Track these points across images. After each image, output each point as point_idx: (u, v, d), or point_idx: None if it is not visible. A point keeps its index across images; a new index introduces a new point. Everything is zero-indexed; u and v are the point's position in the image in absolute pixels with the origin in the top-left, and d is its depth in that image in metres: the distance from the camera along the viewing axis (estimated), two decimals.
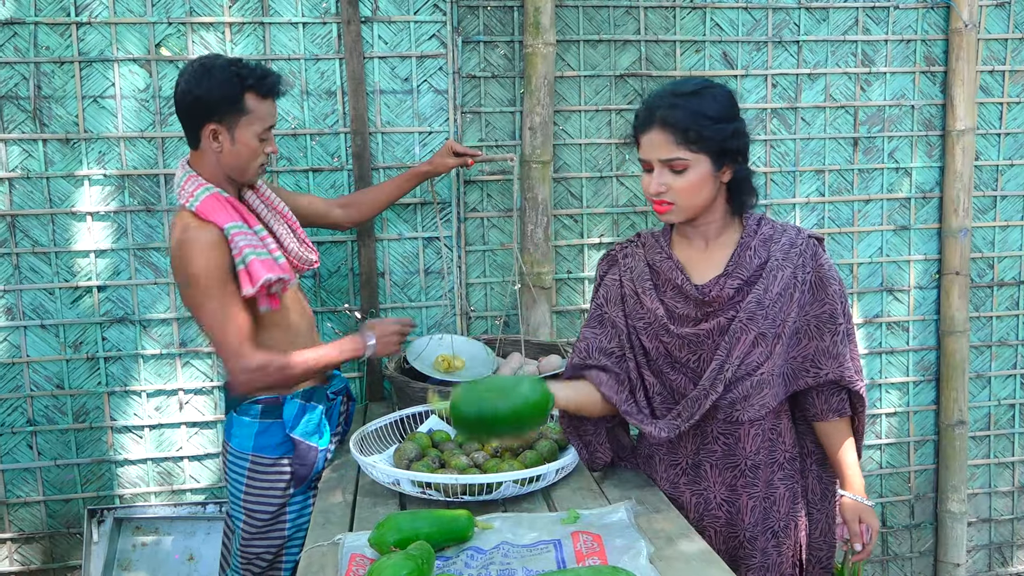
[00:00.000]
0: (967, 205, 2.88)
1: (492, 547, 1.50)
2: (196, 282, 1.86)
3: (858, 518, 1.77)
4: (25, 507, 2.58)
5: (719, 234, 1.72)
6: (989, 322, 3.03)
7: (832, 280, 1.69)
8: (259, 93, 1.92)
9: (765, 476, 1.74)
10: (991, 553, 3.17)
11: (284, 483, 2.03)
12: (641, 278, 1.75)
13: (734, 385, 1.67)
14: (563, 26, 2.65)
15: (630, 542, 1.48)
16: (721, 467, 1.74)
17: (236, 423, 2.04)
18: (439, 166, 2.42)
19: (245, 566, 2.07)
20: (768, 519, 1.76)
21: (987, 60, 2.90)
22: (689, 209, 1.65)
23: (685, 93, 1.61)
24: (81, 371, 2.55)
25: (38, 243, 2.49)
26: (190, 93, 1.90)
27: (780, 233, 1.71)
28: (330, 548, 1.56)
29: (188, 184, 1.93)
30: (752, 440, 1.72)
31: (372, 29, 2.56)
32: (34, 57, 2.41)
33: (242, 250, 1.88)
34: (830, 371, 1.68)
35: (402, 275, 2.69)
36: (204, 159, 1.96)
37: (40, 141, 2.45)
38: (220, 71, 1.88)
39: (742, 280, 1.66)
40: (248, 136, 1.92)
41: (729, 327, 1.66)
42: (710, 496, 1.76)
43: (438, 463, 1.85)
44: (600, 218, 2.77)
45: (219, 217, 1.89)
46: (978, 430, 3.08)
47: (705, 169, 1.61)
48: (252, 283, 1.87)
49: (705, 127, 1.58)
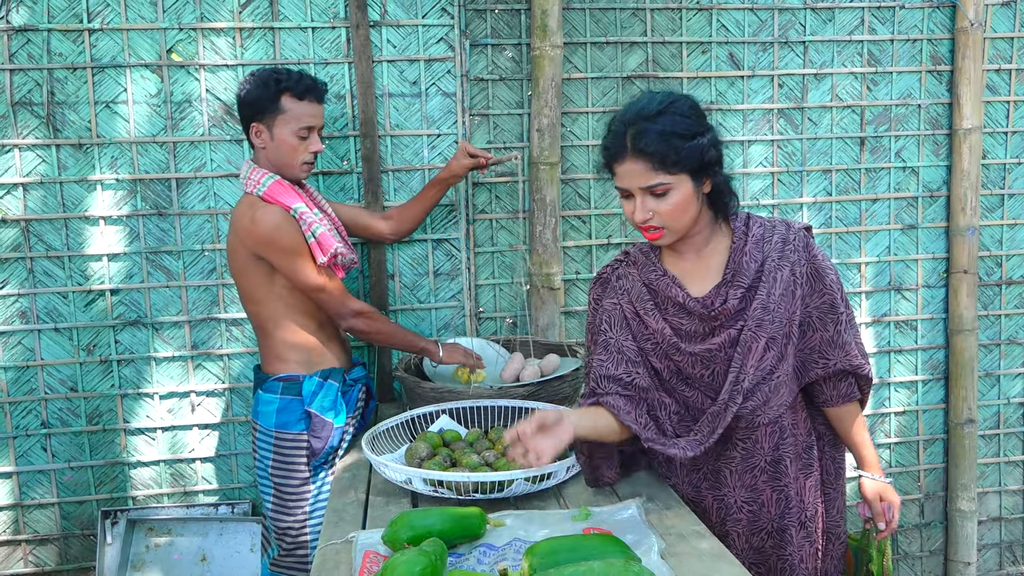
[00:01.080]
0: (974, 203, 2.89)
1: (504, 543, 1.52)
2: (284, 248, 2.06)
3: (879, 496, 1.79)
4: (39, 509, 2.61)
5: (708, 242, 1.70)
6: (998, 320, 3.03)
7: (827, 269, 1.68)
8: (295, 94, 2.11)
9: (786, 470, 1.74)
10: (1002, 552, 3.17)
11: (305, 458, 2.15)
12: (641, 299, 1.72)
13: (753, 393, 1.65)
14: (570, 28, 2.67)
15: (641, 538, 1.49)
16: (740, 471, 1.74)
17: (261, 400, 2.18)
18: (457, 169, 2.46)
19: (280, 538, 2.19)
20: (799, 512, 1.76)
21: (993, 59, 2.91)
22: (680, 230, 1.62)
23: (652, 115, 1.55)
24: (94, 374, 2.58)
25: (52, 247, 2.51)
26: (238, 98, 2.16)
27: (771, 231, 1.68)
28: (344, 546, 1.57)
29: (254, 174, 2.12)
30: (770, 439, 1.73)
31: (381, 33, 2.58)
32: (47, 63, 2.44)
33: (310, 225, 2.09)
34: (838, 360, 1.68)
35: (412, 277, 2.70)
36: (259, 157, 2.18)
37: (53, 146, 2.48)
38: (260, 76, 2.13)
39: (743, 288, 1.64)
40: (286, 133, 2.12)
41: (739, 338, 1.63)
42: (730, 501, 1.76)
43: (449, 462, 1.86)
44: (608, 219, 2.79)
45: (285, 199, 2.09)
46: (987, 428, 3.08)
47: (687, 188, 1.57)
48: (323, 252, 2.09)
49: (680, 148, 1.54)
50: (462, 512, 1.55)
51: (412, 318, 2.71)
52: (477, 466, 1.83)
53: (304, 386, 2.15)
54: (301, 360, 2.18)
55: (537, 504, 1.73)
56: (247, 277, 2.14)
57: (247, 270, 2.12)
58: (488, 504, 1.70)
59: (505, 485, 1.69)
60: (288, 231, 2.06)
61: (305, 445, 2.14)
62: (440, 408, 2.14)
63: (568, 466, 1.74)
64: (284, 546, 2.19)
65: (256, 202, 2.09)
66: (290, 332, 2.17)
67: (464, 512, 1.55)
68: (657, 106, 1.56)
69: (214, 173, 2.55)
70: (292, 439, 2.14)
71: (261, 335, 2.22)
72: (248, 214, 2.07)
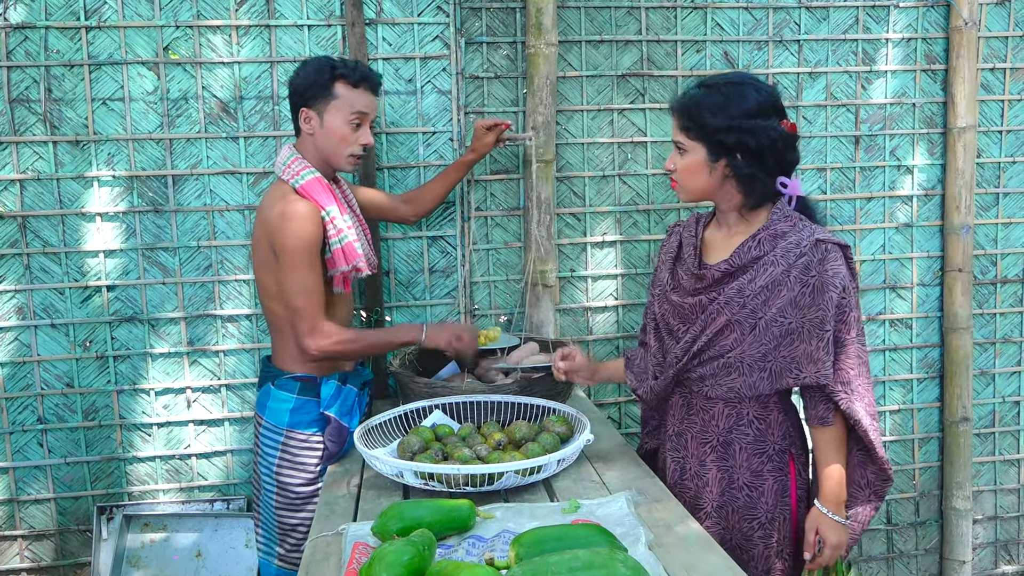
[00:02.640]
0: (969, 202, 2.89)
1: (493, 535, 1.52)
2: (291, 248, 1.99)
3: (815, 528, 1.76)
4: (36, 504, 2.62)
5: (738, 223, 1.82)
6: (992, 319, 3.04)
7: (831, 287, 1.67)
8: (349, 81, 2.07)
9: (745, 462, 1.81)
10: (997, 550, 3.17)
11: (317, 459, 2.12)
12: (670, 251, 1.93)
13: (705, 362, 1.79)
14: (565, 27, 2.68)
15: (629, 529, 1.50)
16: (698, 440, 1.86)
17: (273, 396, 2.14)
18: (480, 148, 2.48)
19: (283, 536, 2.17)
20: (754, 508, 1.81)
21: (988, 58, 2.91)
22: (688, 190, 1.80)
23: (706, 85, 1.75)
24: (90, 370, 2.59)
25: (48, 243, 2.52)
26: (291, 84, 2.12)
27: (794, 232, 1.73)
28: (334, 538, 1.58)
29: (294, 164, 2.08)
30: (724, 419, 1.81)
31: (376, 31, 2.60)
32: (45, 60, 2.46)
33: (340, 231, 2.06)
34: (808, 374, 1.69)
35: (407, 274, 2.71)
36: (305, 144, 2.13)
37: (50, 143, 2.49)
38: (315, 62, 2.10)
39: (732, 266, 1.75)
40: (337, 121, 2.08)
41: (708, 307, 1.77)
42: (687, 466, 1.89)
43: (441, 456, 1.87)
44: (603, 217, 2.80)
45: (321, 199, 2.05)
46: (983, 427, 3.08)
47: (700, 157, 1.74)
48: (347, 262, 2.08)
49: (699, 118, 1.71)
50: (452, 504, 1.56)
51: (407, 315, 2.72)
52: (468, 460, 1.83)
53: (323, 389, 2.12)
54: (318, 362, 2.12)
55: (527, 497, 1.73)
56: (269, 272, 2.08)
57: (270, 265, 2.06)
58: (479, 497, 1.71)
59: (495, 478, 1.70)
60: (308, 233, 1.99)
61: (317, 446, 2.12)
62: (433, 403, 2.14)
63: (558, 460, 1.75)
64: (290, 542, 2.17)
65: (288, 193, 2.04)
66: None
67: (453, 504, 1.56)
68: (713, 80, 1.76)
69: (210, 170, 2.56)
70: (304, 439, 2.12)
71: (276, 332, 2.16)
72: (279, 206, 2.02)
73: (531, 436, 1.93)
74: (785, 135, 1.72)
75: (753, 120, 1.69)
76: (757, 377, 1.75)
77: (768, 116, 1.70)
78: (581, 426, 1.94)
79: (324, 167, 2.13)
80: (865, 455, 1.78)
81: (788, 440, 1.82)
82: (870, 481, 1.79)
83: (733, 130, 1.69)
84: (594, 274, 2.80)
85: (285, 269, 2.01)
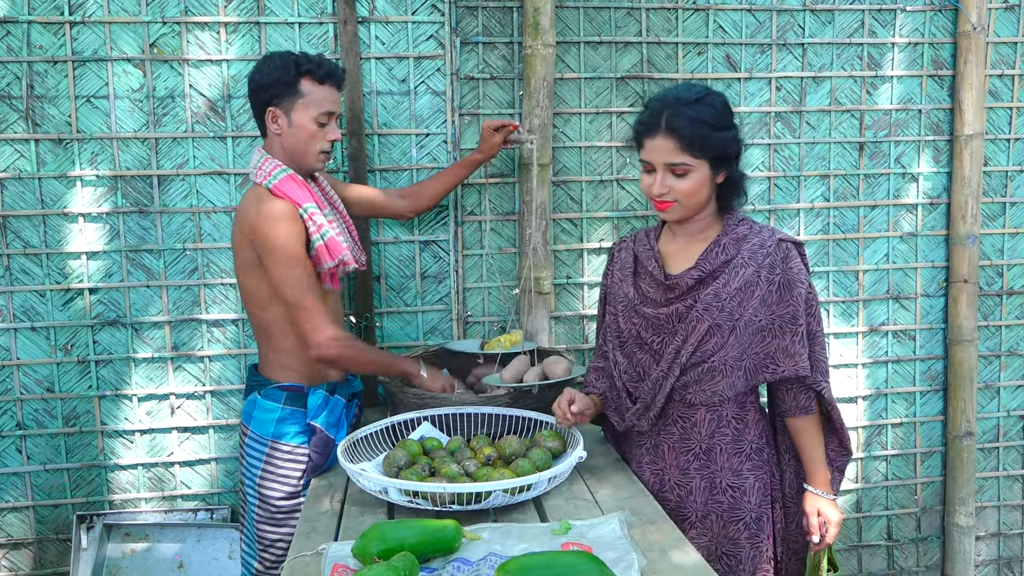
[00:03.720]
0: (975, 211, 2.82)
1: (479, 558, 1.46)
2: (278, 248, 1.94)
3: (816, 511, 1.84)
4: (13, 512, 2.54)
5: (701, 231, 1.85)
6: (998, 331, 2.97)
7: (798, 283, 1.75)
8: (315, 78, 2.01)
9: (725, 461, 1.83)
10: (1000, 568, 3.10)
11: (300, 471, 2.05)
12: (625, 267, 1.93)
13: (688, 370, 1.79)
14: (563, 27, 2.61)
15: (622, 554, 1.43)
16: (678, 450, 1.85)
17: (259, 406, 2.07)
18: (487, 150, 2.43)
19: (263, 552, 2.10)
20: (737, 508, 1.83)
21: (996, 64, 2.85)
22: (690, 208, 1.79)
23: (690, 101, 1.73)
24: (72, 374, 2.52)
25: (29, 244, 2.45)
26: (253, 82, 2.04)
27: (754, 234, 1.80)
28: (313, 558, 1.52)
29: (265, 164, 2.02)
30: (707, 425, 1.83)
31: (369, 29, 2.53)
32: (27, 56, 2.39)
33: (320, 227, 2.00)
34: (786, 368, 1.75)
35: (398, 279, 2.64)
36: (273, 145, 2.07)
37: (32, 141, 2.42)
38: (279, 58, 2.02)
39: (703, 273, 1.78)
40: (305, 119, 2.02)
41: (687, 315, 1.78)
42: (665, 477, 1.87)
43: (428, 471, 1.80)
44: (600, 222, 2.73)
45: (296, 196, 1.99)
46: (987, 442, 3.01)
47: (704, 173, 1.75)
48: (332, 257, 2.01)
49: (708, 136, 1.71)
50: (436, 525, 1.49)
51: (398, 321, 2.65)
52: (456, 476, 1.76)
53: (309, 399, 2.05)
54: (306, 371, 2.07)
55: (517, 516, 1.66)
56: (251, 277, 2.02)
57: (251, 269, 2.00)
58: (466, 516, 1.65)
59: (483, 497, 1.63)
60: (289, 232, 1.94)
61: (302, 458, 2.04)
62: (422, 415, 2.07)
63: (549, 478, 1.68)
64: (269, 559, 2.10)
65: (264, 195, 1.98)
66: (296, 341, 2.03)
67: (438, 525, 1.49)
68: (695, 94, 1.74)
69: (197, 171, 2.49)
70: (288, 451, 2.05)
71: (263, 339, 2.10)
72: (254, 207, 1.96)
73: (522, 452, 1.86)
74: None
75: (735, 125, 1.79)
76: (735, 377, 1.78)
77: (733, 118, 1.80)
78: (574, 441, 1.87)
79: (295, 165, 2.07)
80: (828, 433, 1.87)
81: (764, 438, 1.88)
82: (832, 458, 1.88)
83: (735, 140, 1.77)
84: (591, 281, 2.73)
85: (276, 270, 1.95)
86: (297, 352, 2.06)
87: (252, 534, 2.12)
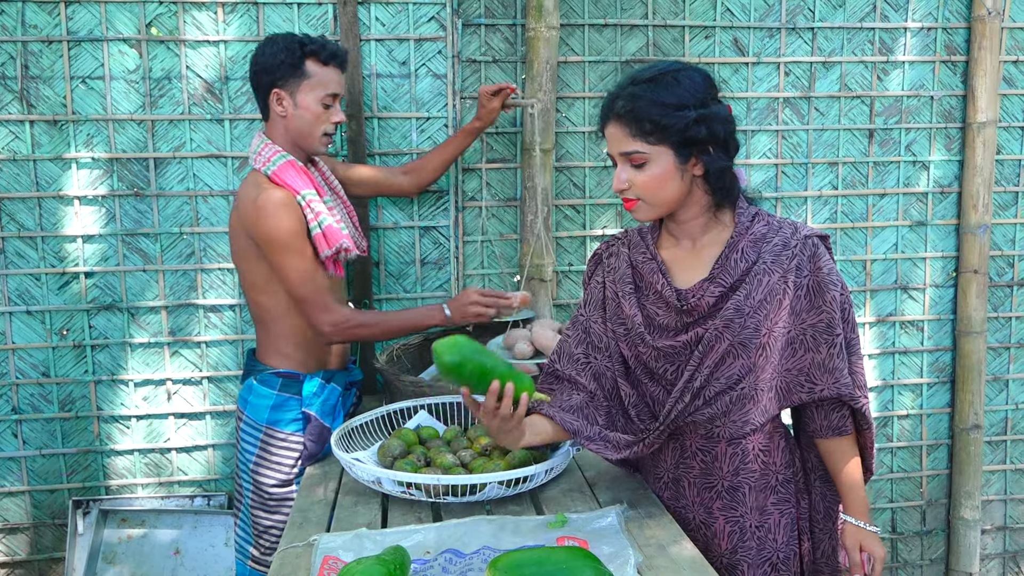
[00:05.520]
0: (987, 201, 2.77)
1: (472, 551, 1.43)
2: (277, 239, 1.91)
3: (859, 545, 1.62)
4: (9, 497, 2.53)
5: (705, 232, 1.59)
6: (1008, 323, 2.92)
7: (831, 285, 1.52)
8: (320, 59, 1.98)
9: (752, 501, 1.60)
10: (1005, 562, 3.06)
11: (294, 459, 2.03)
12: (623, 280, 1.63)
13: (713, 400, 1.53)
14: (567, 9, 2.56)
15: (618, 550, 1.39)
16: (699, 486, 1.62)
17: (254, 392, 2.05)
18: (486, 116, 2.37)
19: (257, 538, 2.09)
20: (764, 549, 1.61)
21: (1011, 49, 2.78)
22: (657, 206, 1.53)
23: (643, 80, 1.49)
24: (67, 359, 2.49)
25: (24, 227, 2.42)
26: (256, 64, 2.00)
27: (774, 232, 1.55)
28: (305, 549, 1.49)
29: (265, 150, 1.99)
30: (730, 461, 1.59)
31: (369, 10, 2.48)
32: (22, 36, 2.35)
33: (318, 214, 1.96)
34: (825, 387, 1.52)
35: (398, 265, 2.61)
36: (275, 128, 2.03)
37: (27, 122, 2.38)
38: (283, 40, 1.98)
39: (725, 286, 1.52)
40: (310, 100, 1.99)
41: (703, 336, 1.52)
42: (688, 516, 1.64)
43: (423, 461, 1.77)
44: (603, 209, 2.68)
45: (295, 183, 1.96)
46: (994, 435, 2.97)
47: (668, 162, 1.49)
48: (329, 245, 1.97)
49: (661, 116, 1.45)
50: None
51: (397, 308, 2.61)
52: (452, 467, 1.73)
53: (304, 386, 2.04)
54: (302, 357, 2.06)
55: (512, 508, 1.63)
56: (249, 263, 2.00)
57: (249, 255, 1.99)
58: (461, 507, 1.62)
59: (479, 488, 1.60)
60: (287, 222, 1.91)
61: (296, 446, 2.03)
62: (419, 403, 2.04)
63: (546, 469, 1.64)
64: (264, 545, 2.09)
65: (262, 182, 1.96)
66: (292, 327, 2.03)
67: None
68: (651, 73, 1.50)
69: (194, 153, 2.45)
70: (283, 438, 2.03)
71: (260, 326, 2.09)
72: (252, 195, 1.94)
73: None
74: (732, 117, 1.53)
75: (712, 106, 1.49)
76: (767, 400, 1.55)
77: (717, 98, 1.52)
78: None
79: (296, 150, 2.04)
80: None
81: (791, 468, 1.66)
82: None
83: (702, 120, 1.46)
84: None
85: (277, 261, 1.94)
86: (293, 338, 2.05)
87: (248, 520, 2.11)
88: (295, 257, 1.94)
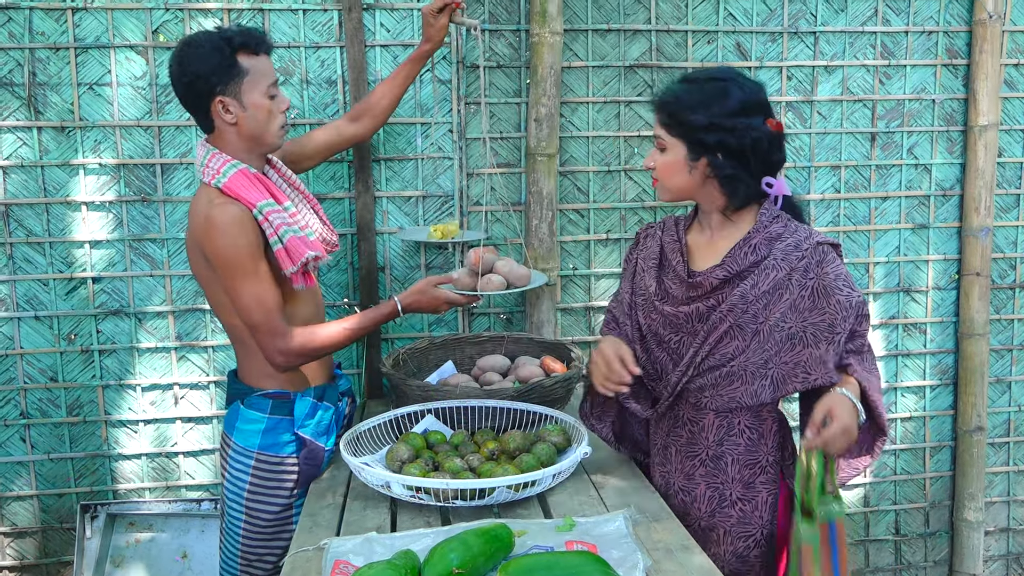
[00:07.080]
0: (989, 203, 2.78)
1: None
2: (227, 261, 1.78)
3: (827, 408, 1.53)
4: (18, 501, 2.54)
5: (722, 227, 1.73)
6: (1010, 325, 2.93)
7: (837, 290, 1.60)
8: (251, 50, 1.82)
9: (735, 472, 1.70)
10: (1009, 564, 3.07)
11: (291, 483, 1.94)
12: (650, 257, 1.81)
13: (704, 373, 1.67)
14: (571, 15, 2.57)
15: (626, 554, 1.41)
16: (684, 454, 1.75)
17: (242, 416, 1.95)
18: (434, 36, 2.22)
19: (245, 568, 1.99)
20: (748, 524, 1.71)
21: (1012, 53, 2.79)
22: (668, 189, 1.72)
23: (688, 80, 1.69)
24: (75, 364, 2.51)
25: (32, 233, 2.44)
26: (185, 74, 1.81)
27: (790, 233, 1.66)
28: (315, 553, 1.50)
29: (212, 161, 1.83)
30: (715, 431, 1.71)
31: (374, 17, 2.49)
32: (29, 43, 2.36)
33: (278, 228, 1.82)
34: (819, 377, 1.59)
35: (403, 270, 2.62)
36: (223, 136, 1.87)
37: (35, 129, 2.40)
38: (207, 42, 1.80)
39: (730, 272, 1.66)
40: (257, 97, 1.83)
41: (709, 316, 1.66)
42: (671, 480, 1.78)
43: (431, 465, 1.78)
44: (607, 213, 2.69)
45: (249, 195, 1.81)
46: (997, 436, 2.98)
47: (679, 154, 1.66)
48: (293, 262, 1.83)
49: (680, 115, 1.64)
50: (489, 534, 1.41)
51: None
52: (460, 471, 1.74)
53: (296, 407, 1.93)
54: (288, 376, 1.94)
55: (520, 512, 1.65)
56: (212, 284, 1.88)
57: (210, 275, 1.86)
58: (469, 511, 1.63)
59: (487, 492, 1.61)
60: (241, 239, 1.77)
61: (292, 468, 1.93)
62: (426, 408, 2.05)
63: (554, 474, 1.66)
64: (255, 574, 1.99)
65: (214, 196, 1.80)
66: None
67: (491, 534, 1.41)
68: (699, 74, 1.71)
69: None
70: (277, 463, 1.93)
71: (239, 345, 1.96)
72: (204, 211, 1.79)
73: (526, 447, 1.84)
74: (770, 134, 1.63)
75: (735, 119, 1.61)
76: (758, 385, 1.64)
77: (752, 115, 1.62)
78: (579, 436, 1.85)
79: (250, 155, 1.89)
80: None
81: (781, 452, 1.73)
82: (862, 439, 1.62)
83: (714, 129, 1.61)
84: (597, 273, 2.71)
85: (228, 282, 1.81)
86: None
87: (234, 550, 1.99)
88: (247, 280, 1.79)
